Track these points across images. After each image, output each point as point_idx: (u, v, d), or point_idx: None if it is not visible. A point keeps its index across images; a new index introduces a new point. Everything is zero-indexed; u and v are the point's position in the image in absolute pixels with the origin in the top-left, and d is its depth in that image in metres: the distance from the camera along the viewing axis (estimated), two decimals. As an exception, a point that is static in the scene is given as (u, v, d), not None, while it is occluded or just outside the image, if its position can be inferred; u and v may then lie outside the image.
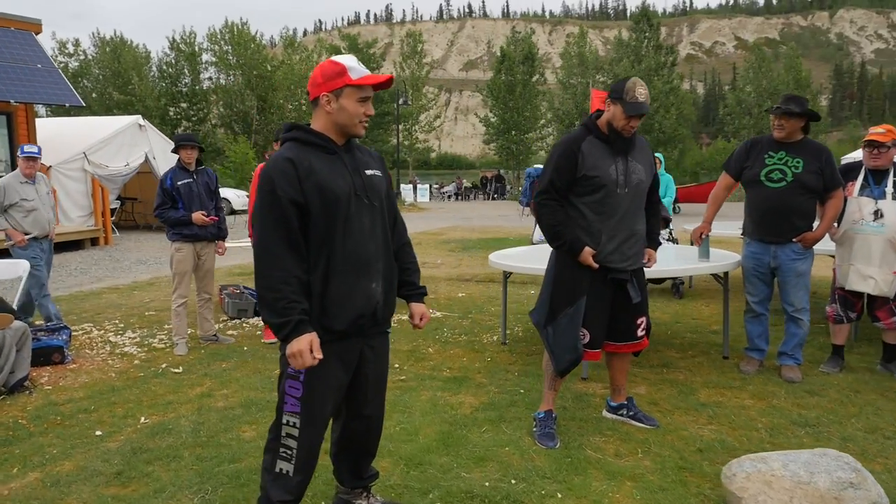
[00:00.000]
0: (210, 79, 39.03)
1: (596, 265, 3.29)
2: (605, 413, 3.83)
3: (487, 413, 3.83)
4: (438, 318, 6.36)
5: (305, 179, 2.17)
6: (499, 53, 35.35)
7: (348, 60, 2.25)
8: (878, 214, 4.31)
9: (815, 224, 4.37)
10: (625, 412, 3.74)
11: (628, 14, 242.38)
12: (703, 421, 3.72)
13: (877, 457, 3.26)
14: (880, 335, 4.64)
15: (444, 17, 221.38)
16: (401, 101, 29.31)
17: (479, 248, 12.58)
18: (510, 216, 22.32)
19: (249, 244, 7.42)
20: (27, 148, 5.80)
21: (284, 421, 2.26)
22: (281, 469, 2.27)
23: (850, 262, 4.43)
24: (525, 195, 12.91)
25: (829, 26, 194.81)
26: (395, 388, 4.25)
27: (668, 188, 8.55)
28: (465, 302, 7.22)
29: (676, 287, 7.30)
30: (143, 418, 3.80)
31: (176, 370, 4.76)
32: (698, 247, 4.76)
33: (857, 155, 7.56)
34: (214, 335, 5.57)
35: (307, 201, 2.17)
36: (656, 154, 5.07)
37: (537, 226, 13.29)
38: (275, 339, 5.32)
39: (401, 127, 33.12)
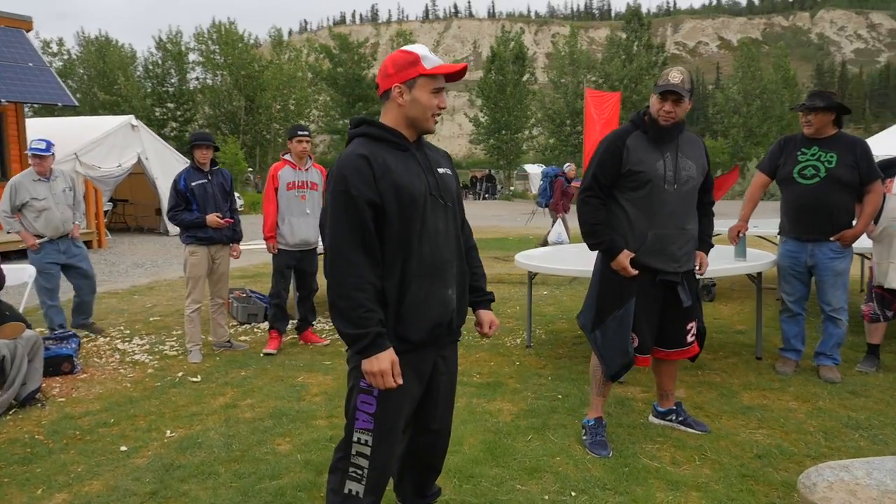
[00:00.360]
0: (197, 79, 38.53)
1: (634, 271, 3.15)
2: (651, 418, 3.69)
3: (530, 420, 3.68)
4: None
5: (381, 178, 2.01)
6: (487, 53, 35.22)
7: (421, 49, 2.10)
8: (919, 211, 4.22)
9: (854, 221, 4.27)
10: (674, 417, 3.60)
11: (613, 14, 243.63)
12: (752, 425, 3.59)
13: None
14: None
15: (430, 17, 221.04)
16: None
17: (480, 248, 12.40)
18: (504, 216, 22.23)
19: (250, 247, 7.25)
20: (34, 143, 5.56)
21: (355, 439, 2.09)
22: (350, 490, 2.10)
23: (890, 260, 4.33)
24: (543, 195, 12.55)
25: (809, 26, 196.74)
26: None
27: None
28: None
29: (708, 289, 6.95)
30: (168, 431, 3.61)
31: (194, 379, 4.56)
32: (734, 246, 4.64)
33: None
34: (228, 341, 5.38)
35: (383, 202, 2.01)
36: None
37: (553, 226, 12.97)
38: (276, 350, 5.16)
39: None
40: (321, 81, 37.67)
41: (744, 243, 4.64)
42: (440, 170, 2.21)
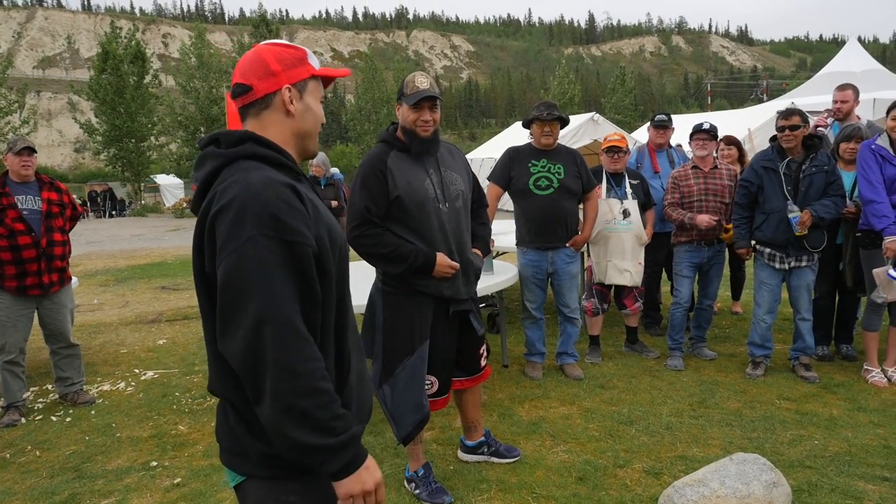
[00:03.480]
0: None
1: (456, 264, 2.84)
2: (461, 455, 3.39)
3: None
4: (161, 381, 4.99)
5: (315, 218, 1.35)
6: (87, 49, 30.69)
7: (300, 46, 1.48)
8: (626, 213, 4.74)
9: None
10: (485, 450, 3.37)
11: (227, 18, 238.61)
12: (549, 443, 3.55)
13: (711, 440, 3.51)
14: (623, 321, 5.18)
15: (6, 3, 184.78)
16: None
17: (139, 277, 10.65)
18: (145, 235, 19.69)
19: None
20: None
21: None
22: None
23: (608, 259, 4.79)
24: None
25: (407, 44, 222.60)
26: (181, 499, 3.09)
27: None
28: (174, 351, 5.86)
29: (493, 319, 5.75)
30: None
31: None
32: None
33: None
34: None
35: (320, 251, 1.34)
36: None
37: None
38: None
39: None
40: None
41: (490, 257, 4.65)
42: (335, 203, 1.54)
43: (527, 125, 4.44)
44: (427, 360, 2.86)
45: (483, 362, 3.21)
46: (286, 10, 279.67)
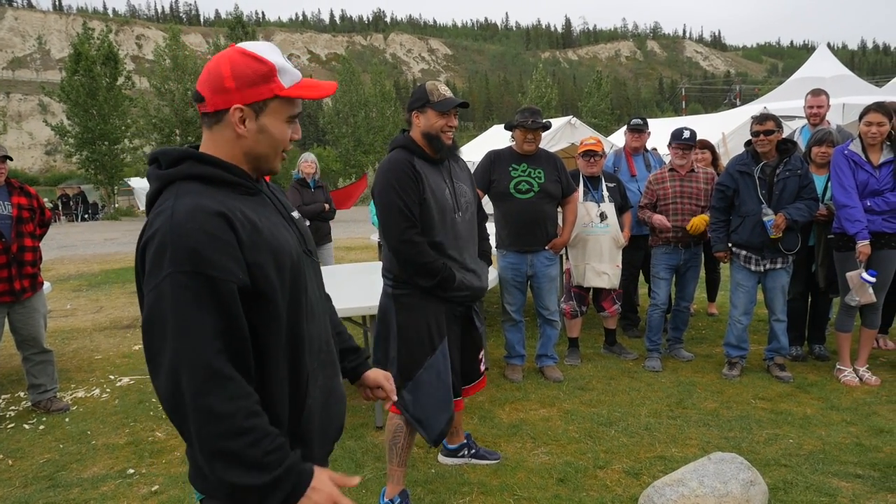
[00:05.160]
0: None
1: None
2: (441, 458, 3.39)
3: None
4: (137, 387, 4.92)
5: (251, 245, 1.28)
6: (59, 50, 30.15)
7: (272, 54, 1.36)
8: (602, 216, 4.79)
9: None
10: (466, 452, 3.37)
11: (202, 20, 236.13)
12: (529, 446, 3.57)
13: (689, 440, 3.56)
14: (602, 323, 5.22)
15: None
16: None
17: (112, 282, 10.48)
18: (120, 240, 19.35)
19: None
20: None
21: None
22: None
23: (586, 262, 4.83)
24: None
25: (384, 47, 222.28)
26: (160, 506, 3.05)
27: None
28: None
29: None
30: None
31: None
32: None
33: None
34: None
35: (256, 280, 1.28)
36: None
37: None
38: None
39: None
40: None
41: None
42: (295, 214, 1.52)
43: (509, 127, 4.46)
44: (449, 356, 2.82)
45: (482, 368, 3.17)
46: (262, 13, 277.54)
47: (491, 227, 4.78)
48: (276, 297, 1.30)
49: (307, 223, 6.54)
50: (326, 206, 6.64)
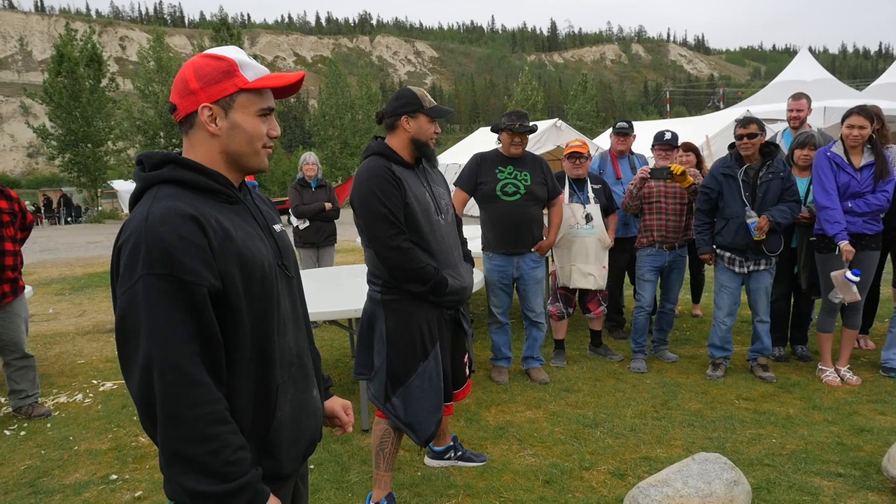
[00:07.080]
0: None
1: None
2: (428, 461, 3.39)
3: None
4: (120, 392, 4.87)
5: (221, 250, 1.28)
6: (41, 52, 29.81)
7: (234, 53, 1.39)
8: (588, 218, 4.81)
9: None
10: (452, 454, 3.37)
11: (186, 22, 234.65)
12: (516, 447, 3.57)
13: (673, 441, 3.58)
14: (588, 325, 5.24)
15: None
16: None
17: (96, 285, 10.38)
18: (102, 242, 19.18)
19: None
20: None
21: None
22: None
23: (572, 263, 4.85)
24: None
25: (370, 49, 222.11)
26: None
27: None
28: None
29: None
30: None
31: None
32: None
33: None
34: None
35: (226, 286, 1.28)
36: None
37: None
38: None
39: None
40: None
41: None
42: (276, 227, 1.51)
43: (496, 130, 4.47)
44: (441, 361, 2.81)
45: (468, 371, 3.15)
46: (248, 14, 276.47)
47: (477, 230, 4.81)
48: (240, 307, 1.30)
49: (307, 223, 6.53)
50: (328, 204, 6.53)
